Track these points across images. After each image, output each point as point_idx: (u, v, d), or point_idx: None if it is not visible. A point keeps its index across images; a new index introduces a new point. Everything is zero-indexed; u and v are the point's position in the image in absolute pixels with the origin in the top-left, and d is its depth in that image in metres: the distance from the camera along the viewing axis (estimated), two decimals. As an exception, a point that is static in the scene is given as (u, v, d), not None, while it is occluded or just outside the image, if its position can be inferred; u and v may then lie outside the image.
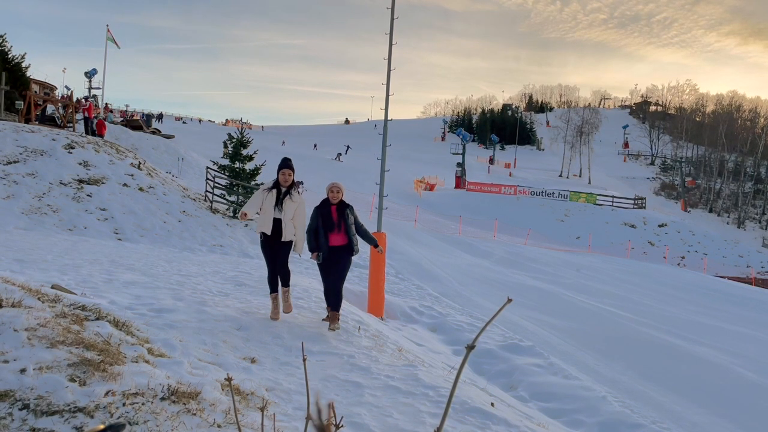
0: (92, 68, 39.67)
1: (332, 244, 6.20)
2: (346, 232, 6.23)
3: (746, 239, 51.70)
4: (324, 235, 6.20)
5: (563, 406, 6.20)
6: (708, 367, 8.64)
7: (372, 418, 3.71)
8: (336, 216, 6.24)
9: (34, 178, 16.02)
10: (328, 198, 6.33)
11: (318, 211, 6.32)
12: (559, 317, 11.02)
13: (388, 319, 9.21)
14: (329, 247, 6.20)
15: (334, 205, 6.29)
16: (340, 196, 6.34)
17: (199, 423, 3.01)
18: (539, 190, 47.89)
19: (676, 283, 20.22)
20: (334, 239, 6.21)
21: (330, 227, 6.20)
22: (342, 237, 6.22)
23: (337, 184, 6.41)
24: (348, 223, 6.25)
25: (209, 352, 4.52)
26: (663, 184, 72.45)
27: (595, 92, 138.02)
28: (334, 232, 6.21)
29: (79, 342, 3.45)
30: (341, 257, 6.30)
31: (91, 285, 6.63)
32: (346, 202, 6.40)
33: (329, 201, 6.32)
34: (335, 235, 6.22)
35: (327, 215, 6.24)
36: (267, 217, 6.02)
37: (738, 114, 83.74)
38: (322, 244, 6.22)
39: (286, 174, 6.10)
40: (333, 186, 6.41)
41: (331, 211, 6.26)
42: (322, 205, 6.34)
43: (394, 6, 9.32)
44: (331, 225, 6.21)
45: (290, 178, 6.12)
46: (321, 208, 6.32)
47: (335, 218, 6.23)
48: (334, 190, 6.35)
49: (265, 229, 6.02)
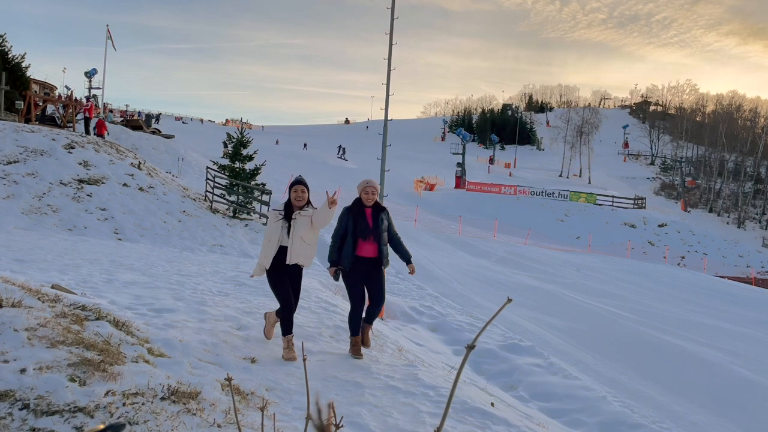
0: (92, 68, 39.72)
1: (361, 254, 5.26)
2: (378, 240, 5.28)
3: (746, 239, 51.67)
4: (353, 243, 5.24)
5: (563, 406, 6.20)
6: (708, 367, 8.64)
7: (372, 418, 3.71)
8: (371, 221, 5.31)
9: (34, 178, 16.02)
10: (361, 199, 5.36)
11: (349, 213, 5.35)
12: (559, 317, 11.02)
13: (388, 319, 9.20)
14: (356, 258, 5.24)
15: (368, 207, 5.35)
16: (376, 197, 5.39)
17: (199, 423, 3.01)
18: (539, 190, 47.88)
19: (676, 283, 20.21)
20: (365, 249, 5.27)
21: (364, 233, 5.25)
22: (374, 246, 5.28)
23: (372, 183, 5.42)
24: (381, 230, 5.31)
25: (209, 352, 4.52)
26: (663, 184, 72.42)
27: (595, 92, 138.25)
28: (368, 240, 5.26)
29: (79, 342, 3.45)
30: (372, 271, 5.30)
31: (91, 285, 6.63)
32: (382, 205, 5.47)
33: (362, 202, 5.37)
34: (367, 244, 5.27)
35: (361, 219, 5.29)
36: (271, 247, 5.04)
37: (738, 114, 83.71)
38: (347, 254, 5.24)
39: (299, 191, 5.10)
40: (368, 185, 5.39)
41: (366, 215, 5.32)
42: (355, 207, 5.38)
43: (394, 6, 9.33)
44: (365, 231, 5.25)
45: (305, 196, 5.12)
46: (353, 209, 5.35)
47: (370, 223, 5.29)
48: (369, 190, 5.34)
49: (265, 262, 5.04)
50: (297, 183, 5.18)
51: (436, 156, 71.04)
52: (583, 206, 45.32)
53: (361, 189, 5.39)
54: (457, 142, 57.63)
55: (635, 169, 79.56)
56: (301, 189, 5.13)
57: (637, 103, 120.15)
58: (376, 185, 5.44)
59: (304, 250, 5.05)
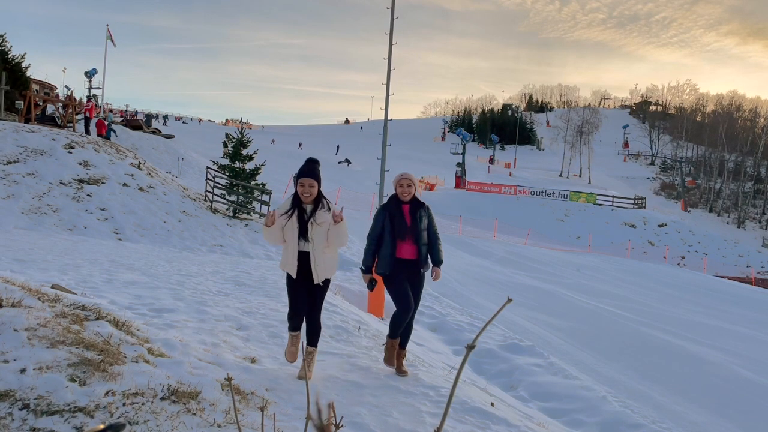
0: (92, 68, 39.73)
1: (400, 256, 4.73)
2: (417, 240, 4.75)
3: (746, 239, 51.69)
4: (391, 244, 4.72)
5: (563, 406, 6.19)
6: (708, 367, 8.64)
7: (372, 418, 3.71)
8: (409, 218, 4.78)
9: (34, 178, 16.02)
10: (397, 194, 4.85)
11: (385, 211, 4.83)
12: (559, 317, 11.02)
13: (388, 319, 9.20)
14: (395, 260, 4.73)
15: (406, 203, 4.83)
16: (413, 191, 4.86)
17: (199, 423, 3.01)
18: (539, 190, 47.89)
19: (676, 283, 20.22)
20: (403, 250, 4.73)
21: (401, 233, 4.73)
22: (413, 248, 4.76)
23: (408, 175, 4.87)
24: (420, 228, 4.77)
25: (209, 352, 4.52)
26: (663, 184, 72.44)
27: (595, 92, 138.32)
28: (406, 241, 4.74)
29: (79, 342, 3.45)
30: (411, 275, 4.81)
31: (91, 285, 6.63)
32: (421, 200, 4.92)
33: (399, 198, 4.84)
34: (405, 245, 4.74)
35: (398, 217, 4.77)
36: (290, 252, 4.33)
37: (738, 114, 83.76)
38: (385, 256, 4.72)
39: (306, 185, 4.26)
40: (403, 178, 4.85)
41: (404, 212, 4.80)
42: (391, 204, 4.88)
43: (394, 6, 9.32)
44: (402, 230, 4.73)
45: (314, 191, 4.26)
46: (389, 207, 4.86)
47: (408, 221, 4.77)
48: (405, 183, 4.81)
49: (289, 269, 4.37)
50: (304, 175, 4.28)
51: (436, 156, 71.05)
52: (583, 206, 45.34)
53: (396, 183, 4.86)
54: (457, 142, 57.63)
55: (635, 169, 79.59)
56: (309, 183, 4.25)
57: (637, 103, 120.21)
58: (412, 177, 4.88)
59: (330, 261, 4.38)
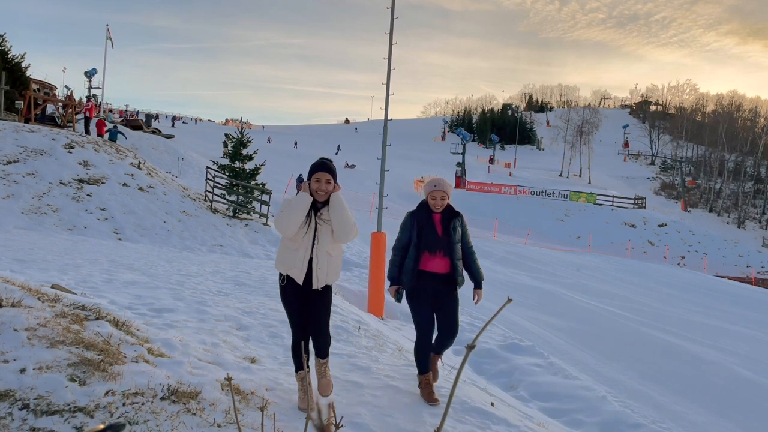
0: (92, 68, 39.77)
1: (425, 269, 4.27)
2: (450, 253, 4.26)
3: (746, 239, 51.68)
4: (415, 256, 4.25)
5: (563, 405, 6.19)
6: (708, 367, 8.64)
7: (372, 418, 3.71)
8: (441, 229, 4.30)
9: (34, 178, 16.02)
10: (428, 203, 4.36)
11: (413, 219, 4.36)
12: (559, 317, 11.02)
13: (388, 318, 9.20)
14: (419, 273, 4.25)
15: (437, 213, 4.35)
16: (446, 203, 4.35)
17: (199, 423, 3.01)
18: (539, 189, 47.90)
19: (676, 283, 20.22)
20: (433, 263, 4.26)
21: (431, 245, 4.25)
22: (445, 261, 4.26)
23: (443, 188, 4.33)
24: (453, 240, 4.27)
25: (209, 352, 4.52)
26: (663, 184, 72.44)
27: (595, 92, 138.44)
28: (436, 255, 4.25)
29: (79, 342, 3.45)
30: (443, 291, 4.30)
31: (91, 285, 6.63)
32: (455, 209, 4.43)
33: (430, 207, 4.35)
34: (436, 259, 4.26)
35: (428, 227, 4.29)
36: (300, 255, 3.73)
37: (738, 114, 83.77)
38: (407, 269, 4.26)
39: (322, 180, 3.74)
40: (437, 190, 4.32)
41: (434, 222, 4.32)
42: (421, 212, 4.37)
43: (394, 5, 9.32)
44: (433, 242, 4.25)
45: (330, 188, 3.77)
46: (418, 215, 4.36)
47: (440, 231, 4.30)
48: (437, 195, 4.31)
49: (293, 272, 3.74)
50: (319, 168, 3.76)
51: (436, 156, 71.05)
52: (583, 206, 45.34)
53: (427, 192, 4.34)
54: (457, 141, 57.63)
55: (635, 168, 79.60)
56: (326, 179, 3.75)
57: (637, 103, 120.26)
58: (447, 189, 4.33)
59: (332, 266, 3.82)
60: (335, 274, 3.87)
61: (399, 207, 31.27)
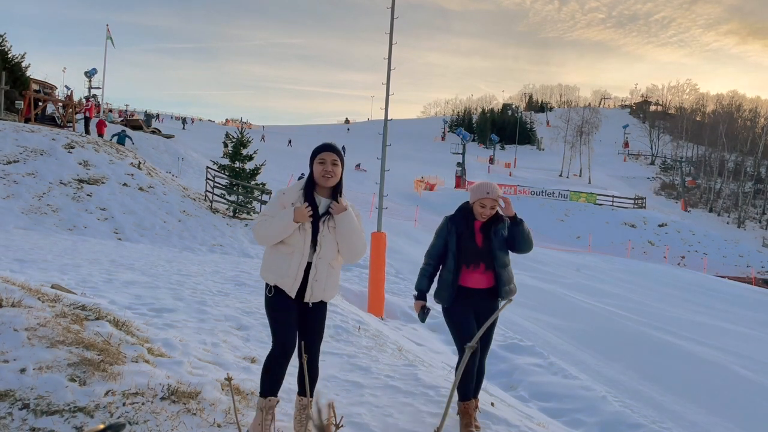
0: (92, 68, 39.81)
1: (467, 285, 3.70)
2: (495, 265, 3.68)
3: (746, 239, 51.66)
4: (454, 269, 3.70)
5: (563, 405, 6.19)
6: (708, 367, 8.64)
7: (372, 418, 3.71)
8: (481, 238, 3.70)
9: (34, 178, 16.02)
10: (473, 211, 3.74)
11: (452, 225, 3.76)
12: (559, 317, 11.02)
13: (388, 318, 9.20)
14: (458, 289, 3.69)
15: (480, 221, 3.74)
16: (495, 212, 3.72)
17: (199, 423, 3.01)
18: (539, 189, 47.89)
19: (676, 283, 20.21)
20: (473, 278, 3.70)
21: (468, 257, 3.69)
22: (487, 275, 3.70)
23: (495, 190, 3.68)
24: (495, 249, 3.68)
25: (209, 352, 4.52)
26: (663, 184, 72.43)
27: (595, 92, 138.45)
28: (475, 268, 3.69)
29: (79, 342, 3.45)
30: (483, 306, 3.73)
31: (91, 285, 6.63)
32: (503, 215, 3.75)
33: (472, 214, 3.74)
34: (476, 273, 3.70)
35: (466, 235, 3.71)
36: (293, 261, 3.05)
37: (738, 114, 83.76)
38: (445, 283, 3.72)
39: (327, 161, 3.05)
40: (487, 198, 3.66)
41: (474, 229, 3.72)
42: (459, 218, 3.77)
43: (394, 5, 9.32)
44: (470, 254, 3.68)
45: (338, 172, 3.08)
46: (456, 221, 3.77)
47: (479, 242, 3.70)
48: (488, 203, 3.66)
49: (285, 282, 3.06)
50: (324, 148, 3.11)
51: (436, 156, 71.05)
52: (584, 206, 45.33)
53: (476, 199, 3.68)
54: (457, 141, 57.61)
55: (635, 168, 79.60)
56: (332, 159, 3.05)
57: (637, 103, 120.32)
58: (496, 196, 3.66)
59: (332, 279, 3.18)
60: (333, 288, 3.21)
61: (399, 207, 31.25)
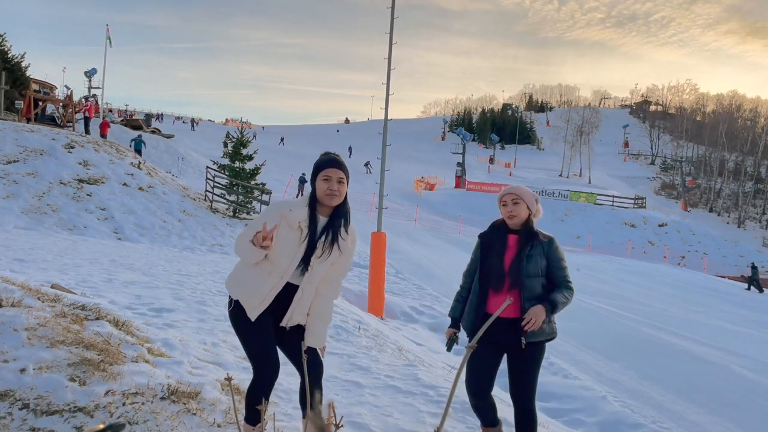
0: (92, 68, 39.78)
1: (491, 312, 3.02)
2: (520, 291, 2.99)
3: (746, 239, 51.68)
4: (479, 293, 3.09)
5: (563, 405, 6.19)
6: (708, 367, 8.64)
7: (372, 418, 3.71)
8: (510, 257, 3.05)
9: (34, 178, 16.02)
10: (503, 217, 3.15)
11: (480, 240, 3.20)
12: (560, 317, 10.97)
13: (388, 318, 9.20)
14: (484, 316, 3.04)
15: (514, 233, 3.10)
16: (522, 213, 3.09)
17: (199, 423, 3.01)
18: (539, 189, 47.82)
19: (676, 283, 20.21)
20: (496, 304, 3.01)
21: (493, 280, 3.05)
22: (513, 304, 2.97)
23: (515, 189, 3.15)
24: (524, 272, 2.99)
25: (209, 352, 4.52)
26: (663, 184, 72.43)
27: (596, 92, 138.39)
28: (500, 291, 3.03)
29: (79, 342, 3.45)
30: (511, 343, 3.06)
31: (91, 284, 6.63)
32: (538, 231, 3.11)
33: (504, 224, 3.15)
34: (500, 297, 3.02)
35: (496, 253, 3.08)
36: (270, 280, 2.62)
37: (738, 114, 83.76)
38: (470, 308, 3.13)
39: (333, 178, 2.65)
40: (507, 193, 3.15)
41: (506, 246, 3.08)
42: (491, 233, 3.18)
43: (394, 5, 9.32)
44: (496, 275, 3.04)
45: (343, 190, 2.68)
46: (486, 237, 3.18)
47: (506, 262, 3.04)
48: (508, 199, 3.12)
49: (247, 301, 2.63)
50: (328, 164, 2.67)
51: (436, 156, 71.06)
52: (584, 206, 45.33)
53: (498, 200, 3.17)
54: (457, 141, 57.62)
55: (635, 168, 79.61)
56: (338, 176, 2.66)
57: (638, 103, 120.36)
58: (522, 193, 3.13)
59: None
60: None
61: (399, 207, 31.26)
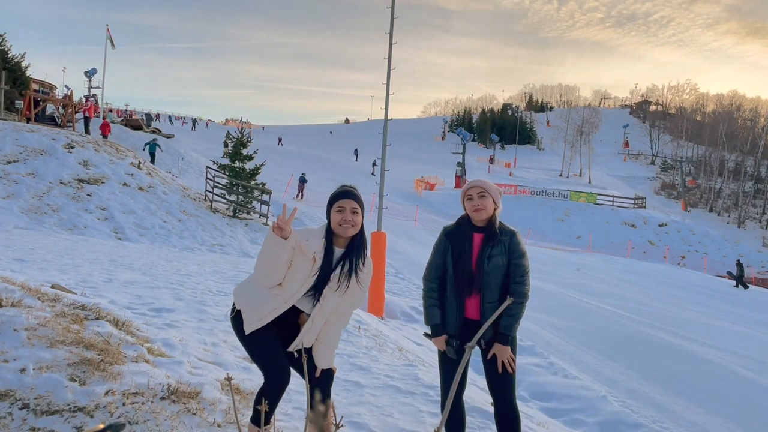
0: (92, 68, 39.73)
1: (469, 316, 2.98)
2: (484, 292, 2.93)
3: (746, 239, 51.65)
4: (455, 295, 2.97)
5: (563, 405, 6.19)
6: (708, 367, 8.64)
7: (372, 418, 3.71)
8: (476, 258, 2.93)
9: (34, 178, 16.02)
10: (467, 213, 3.03)
11: (448, 242, 3.02)
12: (559, 317, 11.01)
13: (388, 318, 9.20)
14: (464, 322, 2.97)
15: (479, 231, 2.98)
16: (489, 207, 2.96)
17: (199, 422, 3.01)
18: (539, 189, 47.88)
19: (676, 283, 20.21)
20: (470, 307, 2.97)
21: (462, 280, 2.94)
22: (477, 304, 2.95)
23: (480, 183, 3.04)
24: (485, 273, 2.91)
25: (209, 352, 4.52)
26: (663, 184, 72.41)
27: (596, 92, 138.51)
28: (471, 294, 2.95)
29: (79, 341, 3.45)
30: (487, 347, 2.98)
31: (91, 284, 6.63)
32: (502, 225, 3.01)
33: (470, 220, 3.02)
34: (472, 300, 2.96)
35: (465, 253, 2.95)
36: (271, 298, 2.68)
37: (738, 113, 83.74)
38: (450, 315, 2.98)
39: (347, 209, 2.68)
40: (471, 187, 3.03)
41: (472, 246, 2.95)
42: (457, 231, 3.04)
43: (394, 5, 9.32)
44: (464, 276, 2.94)
45: (358, 221, 2.69)
46: (453, 236, 3.03)
47: (473, 263, 2.93)
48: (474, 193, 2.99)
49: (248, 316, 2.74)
50: (343, 195, 2.71)
51: (436, 156, 71.04)
52: (584, 206, 45.32)
53: (462, 196, 3.04)
54: (457, 141, 57.59)
55: (635, 168, 79.59)
56: (352, 207, 2.68)
57: (638, 103, 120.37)
58: (487, 186, 3.01)
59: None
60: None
61: (400, 207, 31.24)
